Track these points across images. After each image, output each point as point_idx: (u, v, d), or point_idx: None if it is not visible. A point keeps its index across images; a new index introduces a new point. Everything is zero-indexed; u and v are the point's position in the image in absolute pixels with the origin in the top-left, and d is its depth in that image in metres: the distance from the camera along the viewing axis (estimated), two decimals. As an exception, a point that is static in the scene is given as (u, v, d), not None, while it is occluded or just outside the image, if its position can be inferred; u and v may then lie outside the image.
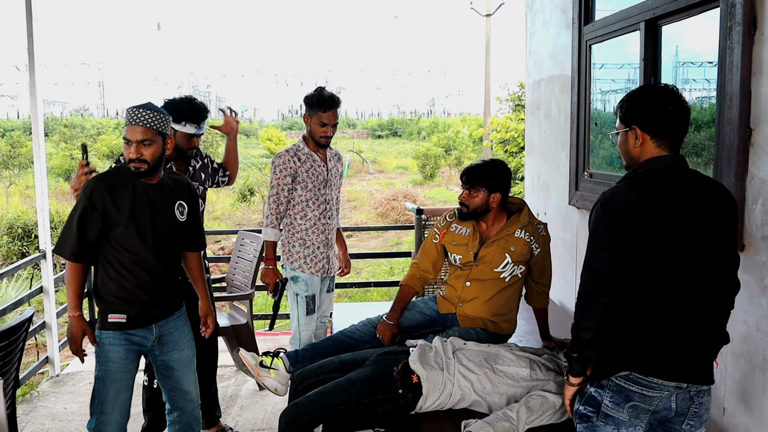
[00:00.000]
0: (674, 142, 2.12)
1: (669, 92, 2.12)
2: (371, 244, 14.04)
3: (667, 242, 2.03)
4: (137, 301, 2.72)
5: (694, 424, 2.16)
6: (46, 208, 4.81)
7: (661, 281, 2.05)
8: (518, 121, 14.65)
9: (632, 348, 2.09)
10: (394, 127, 51.08)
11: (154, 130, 2.62)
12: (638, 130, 2.14)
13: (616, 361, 2.11)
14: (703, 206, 2.06)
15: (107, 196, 2.61)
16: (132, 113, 2.62)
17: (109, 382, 2.69)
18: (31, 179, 22.12)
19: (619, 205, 2.06)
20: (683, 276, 2.05)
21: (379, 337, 3.27)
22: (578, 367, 2.19)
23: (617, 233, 2.05)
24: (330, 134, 3.70)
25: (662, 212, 2.03)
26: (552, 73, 4.44)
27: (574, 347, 2.17)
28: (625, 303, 2.09)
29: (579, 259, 4.03)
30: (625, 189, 2.10)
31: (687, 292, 2.06)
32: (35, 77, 4.57)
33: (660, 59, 3.15)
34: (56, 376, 4.98)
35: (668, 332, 2.07)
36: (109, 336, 2.69)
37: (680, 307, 2.06)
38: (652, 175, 2.10)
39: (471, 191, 3.14)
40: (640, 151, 2.15)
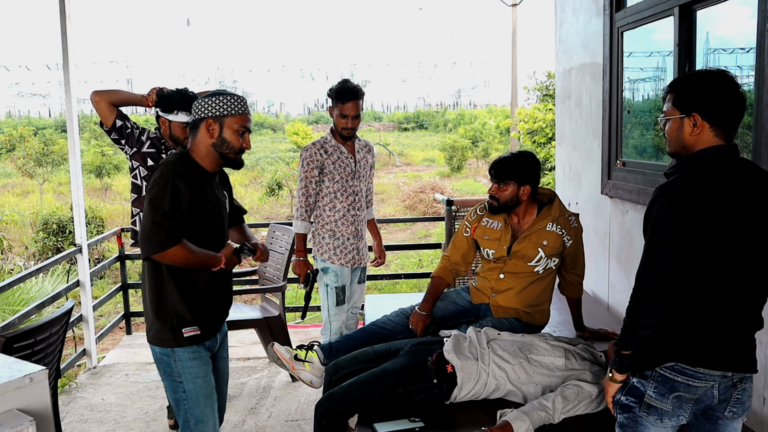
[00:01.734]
0: (731, 131, 2.06)
1: (729, 79, 2.04)
2: (400, 236, 14.05)
3: (723, 233, 1.99)
4: (207, 310, 2.59)
5: (737, 411, 2.14)
6: (82, 204, 4.89)
7: (712, 271, 2.02)
8: (546, 111, 14.54)
9: (678, 338, 2.06)
10: (420, 120, 50.93)
11: None
12: (698, 117, 2.04)
13: (662, 351, 2.08)
14: (754, 195, 2.02)
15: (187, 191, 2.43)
16: (241, 101, 2.54)
17: (203, 398, 2.57)
18: (63, 176, 22.54)
19: (683, 198, 1.98)
20: (731, 264, 2.01)
21: (412, 327, 3.28)
22: (628, 364, 2.14)
23: (681, 227, 1.98)
24: (350, 125, 3.69)
25: (721, 203, 1.99)
26: (583, 61, 4.39)
27: (627, 344, 2.11)
28: (676, 301, 2.04)
29: (612, 248, 4.01)
30: (686, 180, 2.02)
31: (735, 281, 2.03)
32: (69, 75, 4.64)
33: (695, 45, 3.10)
34: (93, 368, 5.08)
35: (714, 321, 2.04)
36: (187, 352, 2.53)
37: (727, 296, 2.03)
38: (711, 165, 2.03)
39: (500, 185, 3.13)
40: (696, 140, 2.07)
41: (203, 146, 2.51)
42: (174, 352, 2.52)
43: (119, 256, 6.01)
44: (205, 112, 2.48)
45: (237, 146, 2.51)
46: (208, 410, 2.59)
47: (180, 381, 2.54)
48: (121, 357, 5.35)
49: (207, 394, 2.59)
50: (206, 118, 2.48)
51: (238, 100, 2.53)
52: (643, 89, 3.91)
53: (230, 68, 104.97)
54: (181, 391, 2.55)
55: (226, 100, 2.49)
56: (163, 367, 2.57)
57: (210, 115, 2.47)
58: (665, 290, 2.02)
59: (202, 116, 2.48)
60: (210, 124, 2.47)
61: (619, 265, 3.94)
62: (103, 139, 29.23)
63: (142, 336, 5.97)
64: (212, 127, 2.48)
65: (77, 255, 4.97)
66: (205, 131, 2.49)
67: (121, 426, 4.07)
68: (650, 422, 2.15)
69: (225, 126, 2.48)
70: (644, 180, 3.48)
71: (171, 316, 2.50)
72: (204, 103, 2.49)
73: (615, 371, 2.19)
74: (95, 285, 9.59)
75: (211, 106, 2.47)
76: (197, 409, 2.56)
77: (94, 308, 5.28)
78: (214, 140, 2.49)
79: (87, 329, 5.11)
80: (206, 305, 2.58)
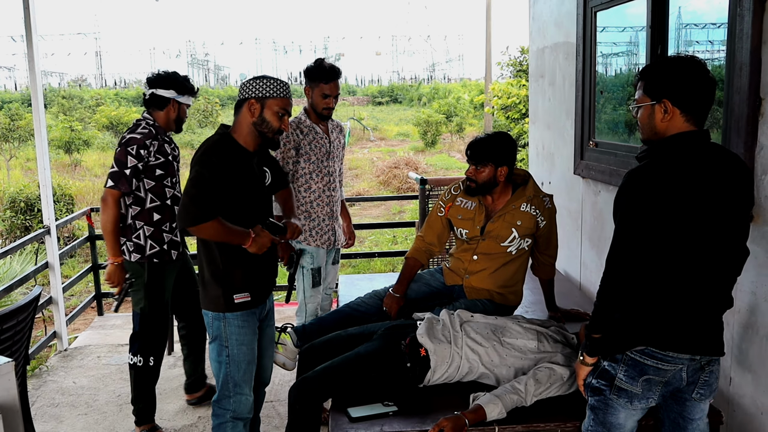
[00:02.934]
0: (701, 117, 2.07)
1: (699, 65, 2.05)
2: (374, 212, 14.03)
3: (692, 217, 2.00)
4: (257, 277, 2.74)
5: (705, 392, 2.18)
6: (49, 183, 4.78)
7: (680, 255, 2.03)
8: (520, 87, 14.52)
9: (648, 323, 2.08)
10: (394, 94, 50.77)
11: None
12: (669, 104, 2.05)
13: (633, 335, 2.10)
14: (723, 179, 2.03)
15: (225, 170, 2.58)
16: (284, 86, 2.67)
17: (244, 364, 2.71)
18: (31, 152, 22.08)
19: (652, 183, 2.00)
20: (701, 249, 2.03)
21: (386, 309, 3.28)
22: (598, 348, 2.17)
23: (650, 211, 2.00)
24: (332, 105, 3.67)
25: (690, 188, 2.00)
26: (556, 40, 4.38)
27: (598, 327, 2.14)
28: (645, 283, 2.07)
29: (584, 228, 4.03)
30: (655, 166, 2.04)
31: (703, 264, 2.05)
32: (34, 51, 4.52)
33: (667, 24, 3.10)
34: (64, 350, 5.02)
35: (683, 305, 2.06)
36: (237, 317, 2.68)
37: (695, 280, 2.06)
38: (681, 150, 2.04)
39: (478, 166, 3.12)
40: (667, 126, 2.08)
41: (245, 125, 2.65)
42: (225, 317, 2.67)
43: (89, 236, 5.92)
44: (249, 92, 2.63)
45: (276, 126, 2.65)
46: (247, 375, 2.74)
47: (226, 345, 2.69)
48: (92, 339, 5.30)
49: (249, 360, 2.74)
50: (249, 98, 2.62)
51: (282, 84, 2.67)
52: (617, 65, 3.90)
53: (201, 41, 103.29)
54: (225, 354, 2.69)
55: (270, 82, 2.64)
56: (212, 331, 2.72)
57: (253, 95, 2.62)
58: (635, 274, 2.05)
59: (246, 96, 2.63)
60: (252, 104, 2.62)
61: (591, 245, 3.97)
62: (72, 113, 28.74)
63: (114, 317, 5.92)
64: (254, 106, 2.62)
65: (45, 236, 4.88)
66: (247, 110, 2.63)
67: (94, 409, 4.04)
68: (620, 404, 2.18)
69: (266, 107, 2.63)
70: (616, 161, 3.50)
71: (224, 282, 2.66)
72: (249, 85, 2.64)
73: (586, 354, 2.22)
74: (66, 264, 9.45)
75: (255, 87, 2.63)
76: (237, 374, 2.71)
77: (64, 290, 5.20)
78: (255, 119, 2.63)
79: (57, 311, 5.04)
80: (256, 273, 2.73)
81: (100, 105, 30.80)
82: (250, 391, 2.77)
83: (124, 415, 3.95)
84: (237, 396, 2.72)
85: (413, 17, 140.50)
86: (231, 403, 2.72)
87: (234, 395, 2.71)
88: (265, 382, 3.01)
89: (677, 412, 2.25)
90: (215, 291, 2.67)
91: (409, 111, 38.76)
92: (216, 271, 2.67)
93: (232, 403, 2.72)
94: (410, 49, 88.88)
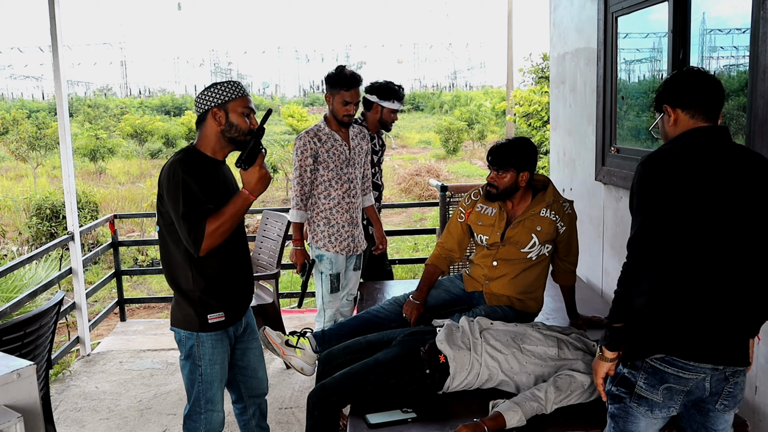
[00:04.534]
0: (708, 111, 2.07)
1: (691, 68, 2.16)
2: (395, 219, 14.03)
3: (708, 216, 1.98)
4: (232, 296, 2.66)
5: (728, 404, 2.14)
6: (73, 190, 4.85)
7: (700, 259, 2.01)
8: (541, 94, 14.46)
9: (669, 330, 2.05)
10: (416, 102, 50.72)
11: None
12: (668, 108, 2.13)
13: (653, 342, 2.07)
14: (744, 180, 2.01)
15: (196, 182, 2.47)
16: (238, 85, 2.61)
17: (216, 383, 2.68)
18: (57, 160, 22.39)
19: (663, 164, 2.01)
20: (722, 253, 2.00)
21: (406, 316, 3.27)
22: (619, 339, 2.11)
23: (664, 193, 1.98)
24: (352, 112, 3.70)
25: (704, 184, 1.98)
26: (577, 46, 4.35)
27: (619, 316, 2.08)
28: (664, 282, 2.04)
29: (606, 235, 4.00)
30: (668, 151, 2.05)
31: (726, 270, 2.02)
32: (59, 61, 4.59)
33: (689, 29, 3.07)
34: (87, 355, 5.07)
35: (705, 313, 2.03)
36: (210, 337, 2.61)
37: (718, 287, 2.02)
38: (693, 144, 2.05)
39: (499, 172, 3.10)
40: (675, 129, 2.12)
41: (212, 135, 2.58)
42: (198, 336, 2.61)
43: (112, 243, 5.98)
44: (209, 102, 2.56)
45: (245, 128, 2.58)
46: (219, 393, 2.70)
47: (199, 364, 2.63)
48: (115, 344, 5.34)
49: (221, 379, 2.70)
50: (211, 108, 2.55)
51: (235, 84, 2.61)
52: (638, 71, 3.87)
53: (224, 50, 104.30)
54: (198, 373, 2.65)
55: (226, 87, 2.57)
56: (184, 349, 2.66)
57: (213, 104, 2.55)
58: (656, 256, 2.01)
59: (207, 107, 2.56)
60: (216, 112, 2.55)
61: (613, 252, 3.93)
62: (97, 122, 29.13)
63: (137, 323, 5.98)
64: (218, 114, 2.55)
65: (69, 242, 4.94)
66: (213, 120, 2.56)
67: (115, 414, 4.07)
68: (641, 413, 2.15)
69: (230, 111, 2.56)
70: (638, 167, 3.46)
71: (197, 301, 2.57)
72: (205, 96, 2.57)
73: (605, 348, 2.16)
74: (90, 270, 9.56)
75: (212, 95, 2.56)
76: (209, 392, 2.67)
77: (87, 295, 5.26)
78: (223, 126, 2.56)
79: (80, 317, 5.09)
80: (231, 292, 2.66)
81: (124, 114, 31.19)
82: (222, 407, 2.74)
83: (145, 420, 3.98)
84: (208, 413, 2.69)
85: (435, 25, 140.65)
86: (202, 420, 2.70)
87: (205, 412, 2.69)
88: (261, 394, 2.98)
89: (700, 423, 2.20)
90: (187, 309, 2.58)
91: (431, 119, 38.73)
92: (189, 290, 2.57)
93: (203, 420, 2.70)
94: (432, 57, 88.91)
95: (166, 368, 4.76)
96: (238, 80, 2.72)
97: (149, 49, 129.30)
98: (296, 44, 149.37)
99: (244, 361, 2.85)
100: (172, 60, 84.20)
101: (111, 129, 27.26)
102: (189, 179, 2.44)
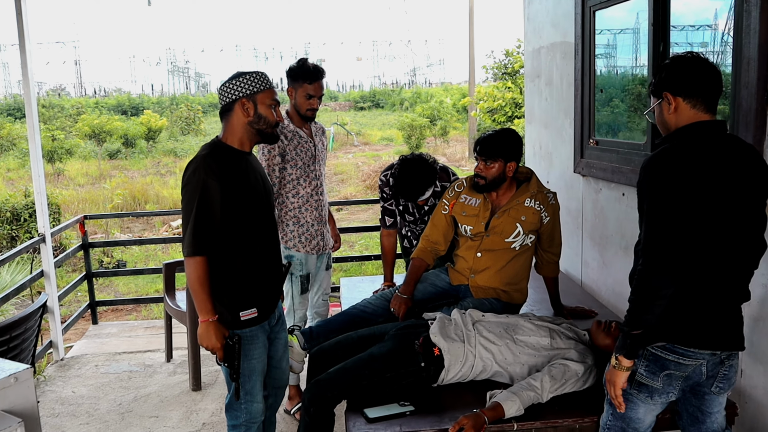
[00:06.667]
0: (709, 101, 2.07)
1: (693, 55, 2.11)
2: (362, 216, 14.01)
3: (711, 211, 2.00)
4: (262, 292, 2.67)
5: (723, 386, 2.19)
6: (43, 191, 4.73)
7: (700, 248, 2.03)
8: (505, 90, 14.62)
9: (672, 319, 2.06)
10: (376, 99, 50.69)
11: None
12: (669, 95, 2.09)
13: (654, 331, 2.09)
14: (738, 168, 2.04)
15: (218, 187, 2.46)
16: (267, 77, 2.61)
17: (254, 375, 2.67)
18: (12, 161, 21.90)
19: (668, 165, 2.00)
20: (720, 238, 2.03)
21: (394, 310, 3.27)
22: (636, 347, 2.08)
23: (671, 192, 1.98)
24: (316, 106, 3.57)
25: (705, 175, 2.00)
26: (553, 40, 4.40)
27: (638, 323, 2.03)
28: (682, 284, 2.04)
29: (585, 226, 4.05)
30: (671, 150, 2.04)
31: (722, 258, 2.05)
32: (27, 57, 4.48)
33: (669, 22, 3.12)
34: (61, 360, 4.96)
35: (704, 300, 2.06)
36: (245, 334, 2.60)
37: (716, 274, 2.06)
38: (694, 138, 2.05)
39: (487, 162, 3.12)
40: (676, 118, 2.10)
41: (239, 127, 2.56)
42: (233, 333, 2.57)
43: (83, 244, 5.85)
44: (237, 92, 2.53)
45: (273, 120, 2.59)
46: (258, 385, 2.70)
47: (237, 358, 2.60)
48: (89, 348, 5.24)
49: (259, 372, 2.69)
50: (239, 99, 2.53)
51: (262, 75, 2.59)
52: (618, 65, 3.92)
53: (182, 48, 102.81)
54: (234, 366, 2.63)
55: (252, 77, 2.55)
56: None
57: (242, 94, 2.53)
58: (672, 261, 1.98)
59: (234, 97, 2.53)
60: (245, 103, 2.53)
61: (592, 243, 3.99)
62: (53, 122, 28.44)
63: (109, 325, 5.87)
64: (247, 105, 2.53)
65: (41, 245, 4.82)
66: (241, 111, 2.54)
67: (95, 419, 3.98)
68: (640, 399, 2.18)
69: (258, 102, 2.55)
70: (618, 158, 3.52)
71: (227, 299, 2.56)
72: (231, 86, 2.54)
73: (622, 357, 2.09)
74: (59, 273, 9.33)
75: (240, 86, 2.53)
76: (247, 384, 2.66)
77: (59, 298, 5.14)
78: (251, 118, 2.55)
79: (53, 321, 4.97)
80: (261, 287, 2.66)
81: (81, 114, 30.51)
82: (261, 397, 2.74)
83: (127, 423, 3.91)
84: (248, 404, 2.69)
85: (394, 22, 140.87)
86: (242, 410, 2.69)
87: (245, 403, 2.69)
88: (283, 385, 2.98)
89: (696, 406, 2.26)
90: (219, 308, 2.54)
91: (392, 115, 38.74)
92: (218, 288, 2.54)
93: (244, 410, 2.69)
94: (391, 54, 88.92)
95: (144, 370, 4.68)
96: (196, 75, 2.69)
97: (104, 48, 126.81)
98: (255, 42, 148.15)
99: (271, 351, 2.83)
100: (128, 59, 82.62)
101: (67, 129, 26.64)
102: (211, 182, 2.41)
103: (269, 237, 2.70)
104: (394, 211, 3.89)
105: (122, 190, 15.59)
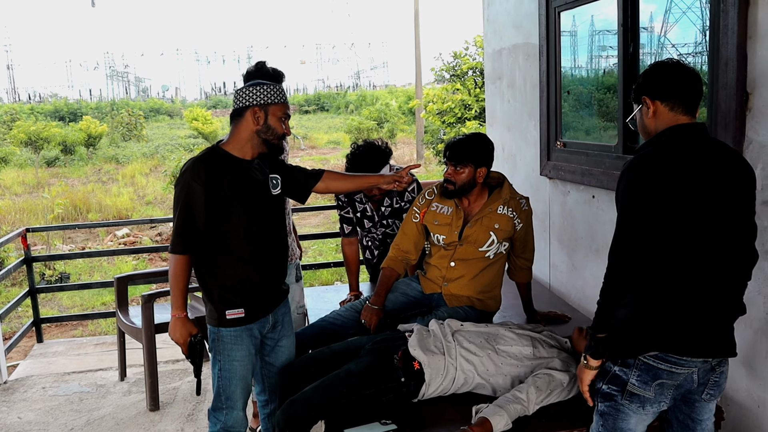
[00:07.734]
0: (688, 104, 2.06)
1: (670, 60, 2.13)
2: (313, 221, 13.85)
3: (692, 214, 1.97)
4: (253, 293, 2.67)
5: (714, 393, 2.15)
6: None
7: (686, 255, 1.99)
8: (454, 92, 14.65)
9: (661, 327, 2.02)
10: (321, 102, 50.45)
11: None
12: (648, 100, 2.10)
13: (645, 340, 2.04)
14: (724, 172, 2.01)
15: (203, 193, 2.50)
16: (282, 91, 2.64)
17: (235, 380, 2.67)
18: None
19: (648, 170, 1.97)
20: (705, 243, 1.99)
21: (365, 322, 3.15)
22: (603, 348, 2.10)
23: (650, 200, 1.95)
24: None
25: (689, 180, 1.96)
26: (515, 41, 4.35)
27: (603, 327, 2.07)
28: (652, 280, 2.02)
29: (553, 229, 4.01)
30: (652, 154, 2.01)
31: (711, 265, 2.01)
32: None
33: (638, 23, 3.09)
34: (4, 383, 4.66)
35: (694, 308, 2.02)
36: (229, 333, 2.63)
37: (705, 281, 2.01)
38: (677, 140, 2.02)
39: (457, 167, 3.03)
40: (656, 122, 2.09)
41: (246, 133, 2.58)
42: (219, 331, 2.63)
43: (25, 258, 5.54)
44: (251, 100, 2.56)
45: (280, 132, 2.62)
46: (240, 391, 2.70)
47: (219, 359, 2.66)
48: (34, 368, 4.94)
49: (240, 377, 2.68)
50: (252, 106, 2.56)
51: (281, 89, 2.64)
52: (583, 65, 3.89)
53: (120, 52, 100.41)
54: (218, 368, 2.67)
55: (271, 89, 2.59)
56: (211, 344, 2.69)
57: (255, 102, 2.56)
58: (639, 266, 1.99)
59: (248, 104, 2.56)
60: (256, 111, 2.56)
61: (560, 246, 3.95)
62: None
63: (55, 343, 5.57)
64: (258, 114, 2.56)
65: (-20, 261, 4.52)
66: (251, 118, 2.56)
67: (46, 446, 3.74)
68: (632, 410, 2.12)
69: (270, 113, 2.58)
70: (587, 160, 3.48)
71: (215, 297, 2.61)
72: (247, 92, 2.57)
73: (590, 357, 2.14)
74: None
75: (256, 94, 2.56)
76: (229, 388, 2.67)
77: (0, 318, 4.84)
78: (259, 127, 2.57)
79: (-6, 341, 4.68)
80: (253, 289, 2.66)
81: (15, 120, 29.39)
82: (244, 407, 2.74)
83: (81, 449, 3.68)
84: (229, 410, 2.69)
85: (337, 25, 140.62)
86: (223, 416, 2.69)
87: (226, 408, 2.68)
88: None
89: (686, 414, 2.21)
90: (209, 304, 2.63)
91: (337, 119, 38.60)
92: (206, 285, 2.63)
93: (224, 416, 2.69)
94: (334, 57, 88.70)
95: (96, 391, 4.43)
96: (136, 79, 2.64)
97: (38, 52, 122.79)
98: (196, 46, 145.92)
99: (272, 357, 2.84)
100: (64, 63, 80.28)
101: (1, 137, 25.62)
102: (195, 186, 2.47)
103: (268, 244, 2.69)
104: (352, 219, 3.79)
105: (63, 199, 14.99)
